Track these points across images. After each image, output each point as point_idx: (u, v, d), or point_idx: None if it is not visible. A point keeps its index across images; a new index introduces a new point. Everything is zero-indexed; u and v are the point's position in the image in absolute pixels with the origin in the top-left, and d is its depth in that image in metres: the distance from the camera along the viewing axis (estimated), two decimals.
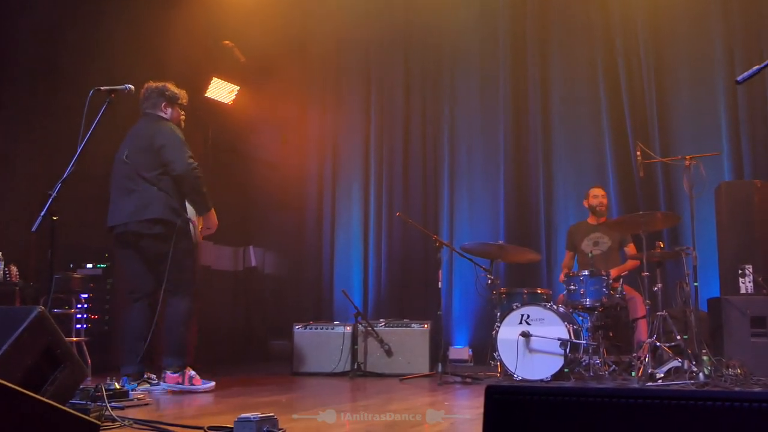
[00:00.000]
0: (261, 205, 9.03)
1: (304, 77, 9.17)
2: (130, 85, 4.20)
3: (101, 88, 4.06)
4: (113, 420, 3.19)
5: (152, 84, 5.13)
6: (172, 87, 5.16)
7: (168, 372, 4.83)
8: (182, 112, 5.22)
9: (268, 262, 9.11)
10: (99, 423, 2.38)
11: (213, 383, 4.90)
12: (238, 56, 7.97)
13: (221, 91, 8.15)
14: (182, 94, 5.19)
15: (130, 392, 3.95)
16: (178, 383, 4.80)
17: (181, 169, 4.88)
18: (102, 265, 6.94)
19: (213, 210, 5.10)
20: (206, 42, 7.83)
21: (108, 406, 3.38)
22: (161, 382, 4.83)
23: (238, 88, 8.25)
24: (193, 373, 4.88)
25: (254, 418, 2.76)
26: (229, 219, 8.68)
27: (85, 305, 6.58)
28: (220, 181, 8.39)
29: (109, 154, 5.13)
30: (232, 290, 8.74)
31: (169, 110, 5.14)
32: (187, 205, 4.96)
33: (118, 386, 3.88)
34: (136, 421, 3.22)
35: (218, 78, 8.06)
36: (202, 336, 7.81)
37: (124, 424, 3.16)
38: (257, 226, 9.05)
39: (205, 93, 7.97)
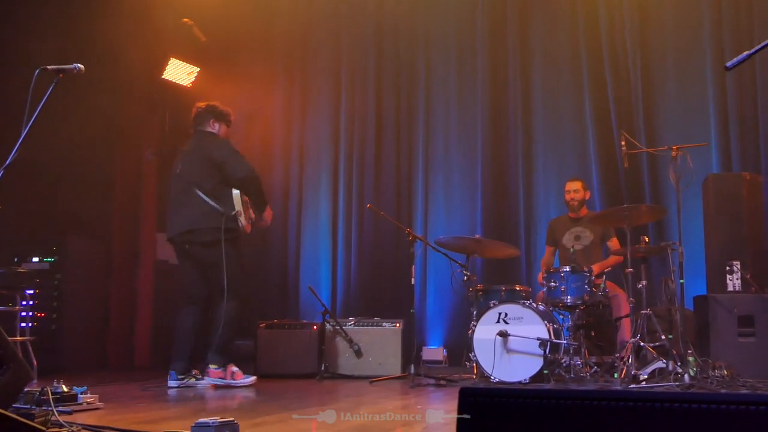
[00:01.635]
0: None
1: (269, 59, 9.10)
2: (79, 65, 4.12)
3: (48, 67, 3.98)
4: (60, 425, 3.15)
5: (201, 104, 5.94)
6: (219, 106, 5.93)
7: (211, 368, 5.48)
8: (228, 129, 6.01)
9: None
10: (44, 429, 2.34)
11: (254, 378, 5.59)
12: (198, 35, 7.89)
13: (179, 72, 8.06)
14: (229, 112, 5.96)
15: (79, 396, 3.90)
16: (220, 378, 5.44)
17: (244, 173, 5.61)
18: (49, 259, 6.84)
19: (269, 205, 5.93)
20: (164, 20, 7.74)
21: (55, 410, 3.33)
22: (205, 377, 5.49)
23: (198, 69, 8.17)
24: (235, 368, 5.52)
25: (213, 423, 2.73)
26: None
27: (31, 302, 6.48)
28: None
29: (58, 138, 5.06)
30: None
31: (218, 125, 5.88)
32: (234, 198, 5.60)
33: (65, 389, 3.83)
34: (85, 427, 3.18)
35: (176, 59, 7.97)
36: (159, 334, 7.76)
37: (72, 430, 3.12)
38: None
39: (162, 74, 7.89)
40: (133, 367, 7.36)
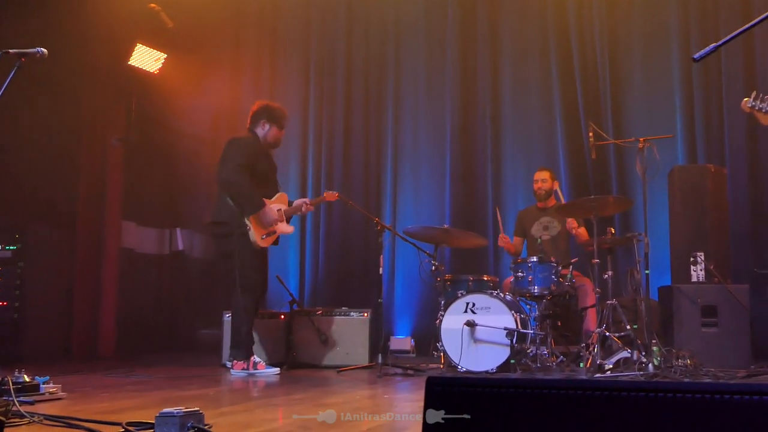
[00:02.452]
0: (189, 184, 8.87)
1: (237, 45, 9.03)
2: (42, 49, 4.05)
3: (10, 51, 3.90)
4: (21, 416, 3.10)
5: (260, 103, 6.02)
6: (275, 106, 5.98)
7: (235, 362, 5.63)
8: (284, 131, 5.99)
9: (196, 246, 8.98)
10: (4, 419, 2.30)
11: (277, 369, 5.65)
12: (165, 21, 7.79)
13: (146, 58, 7.96)
14: (284, 114, 5.95)
15: (41, 386, 3.84)
16: (243, 369, 5.56)
17: (221, 179, 5.64)
18: (12, 247, 6.73)
19: (265, 209, 5.65)
20: (130, 5, 7.63)
21: (16, 401, 3.28)
22: (231, 372, 5.62)
23: (165, 55, 8.07)
24: (257, 359, 5.64)
25: (178, 413, 2.70)
26: (155, 198, 8.56)
27: None
28: (144, 157, 8.23)
29: (20, 124, 4.97)
30: (157, 275, 8.60)
31: (267, 126, 5.86)
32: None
33: (27, 379, 3.77)
34: (47, 417, 3.13)
35: (143, 44, 7.86)
36: (124, 324, 7.68)
37: (34, 421, 3.07)
38: (185, 207, 8.89)
39: (129, 60, 7.78)
40: (97, 357, 7.28)
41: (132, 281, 7.90)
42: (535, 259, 5.80)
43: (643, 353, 5.10)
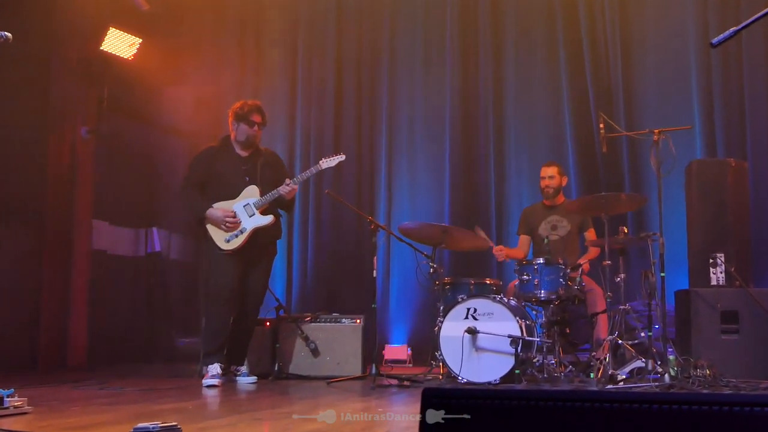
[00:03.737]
0: (167, 180, 8.84)
1: (219, 30, 9.01)
2: (7, 33, 4.04)
3: None
4: None
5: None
6: (236, 105, 6.08)
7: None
8: (255, 128, 6.03)
9: (174, 247, 8.96)
10: None
11: (215, 380, 5.61)
12: (140, 3, 7.77)
13: (120, 43, 7.93)
14: (244, 108, 6.01)
15: (5, 399, 3.82)
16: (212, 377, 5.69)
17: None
18: None
19: (208, 214, 5.85)
20: None
21: None
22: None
23: (141, 40, 8.03)
24: (210, 369, 5.72)
25: (154, 427, 2.70)
26: (129, 196, 8.53)
27: None
28: (117, 152, 8.20)
29: None
30: (132, 279, 8.56)
31: (236, 125, 6.03)
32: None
33: None
34: None
35: (116, 28, 7.83)
36: (95, 332, 7.66)
37: None
38: (162, 204, 8.86)
39: (101, 46, 7.75)
40: (66, 368, 7.25)
41: (104, 285, 7.87)
42: (541, 261, 5.79)
43: (659, 362, 5.10)
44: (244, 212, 5.86)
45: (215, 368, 5.71)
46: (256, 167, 6.02)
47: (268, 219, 5.92)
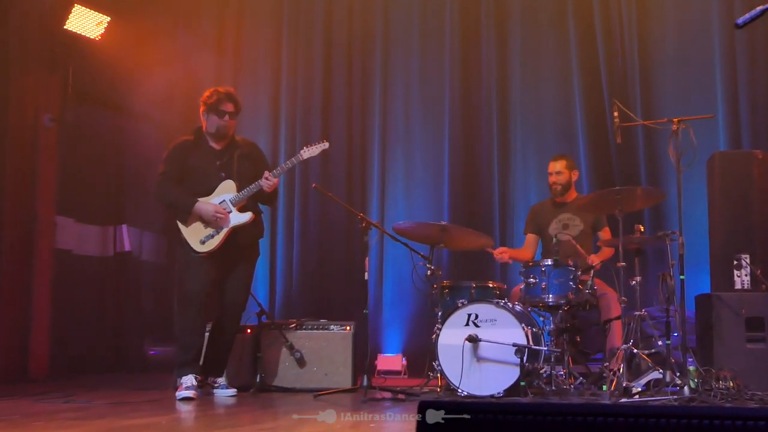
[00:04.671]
0: (138, 172, 8.83)
1: (196, 8, 8.99)
2: None
3: None
4: None
5: None
6: (205, 94, 6.06)
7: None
8: (225, 117, 5.99)
9: (146, 246, 8.94)
10: None
11: (189, 392, 5.59)
12: None
13: (86, 22, 7.90)
14: (213, 97, 5.98)
15: None
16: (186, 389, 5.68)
17: None
18: None
19: (197, 208, 5.84)
20: None
21: None
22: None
23: (109, 19, 8.02)
24: (184, 381, 5.68)
25: None
26: (97, 190, 8.51)
27: None
28: (83, 141, 8.18)
29: None
30: (100, 281, 8.54)
31: (206, 117, 6.03)
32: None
33: None
34: None
35: (81, 5, 7.81)
36: (60, 340, 7.65)
37: None
38: (133, 200, 8.85)
39: (65, 25, 7.73)
40: (28, 379, 7.24)
41: (69, 289, 7.84)
42: (549, 263, 5.79)
43: (677, 374, 5.11)
44: None
45: (189, 380, 5.69)
46: (232, 160, 6.00)
47: (246, 217, 5.89)
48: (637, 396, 5.09)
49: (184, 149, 6.10)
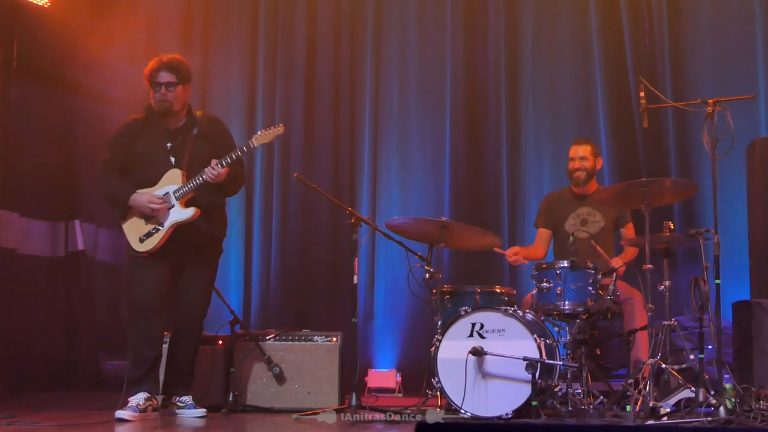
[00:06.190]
0: (93, 160, 8.80)
1: None
2: None
3: None
4: None
5: None
6: (153, 61, 5.94)
7: None
8: (162, 90, 5.83)
9: (102, 245, 8.92)
10: None
11: (129, 413, 5.53)
12: None
13: None
14: (149, 69, 5.88)
15: None
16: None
17: None
18: None
19: (133, 200, 5.80)
20: None
21: None
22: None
23: None
24: (132, 399, 5.64)
25: None
26: (45, 180, 8.48)
27: None
28: (30, 123, 8.15)
29: None
30: (49, 284, 8.53)
31: (151, 92, 5.92)
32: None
33: None
34: None
35: None
36: (2, 353, 7.63)
37: None
38: (87, 192, 8.82)
39: None
40: None
41: (13, 293, 7.82)
42: (565, 264, 5.78)
43: (712, 392, 5.11)
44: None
45: (137, 399, 5.61)
46: (185, 143, 5.90)
47: (189, 213, 5.76)
48: (665, 418, 5.08)
49: (133, 131, 5.99)
